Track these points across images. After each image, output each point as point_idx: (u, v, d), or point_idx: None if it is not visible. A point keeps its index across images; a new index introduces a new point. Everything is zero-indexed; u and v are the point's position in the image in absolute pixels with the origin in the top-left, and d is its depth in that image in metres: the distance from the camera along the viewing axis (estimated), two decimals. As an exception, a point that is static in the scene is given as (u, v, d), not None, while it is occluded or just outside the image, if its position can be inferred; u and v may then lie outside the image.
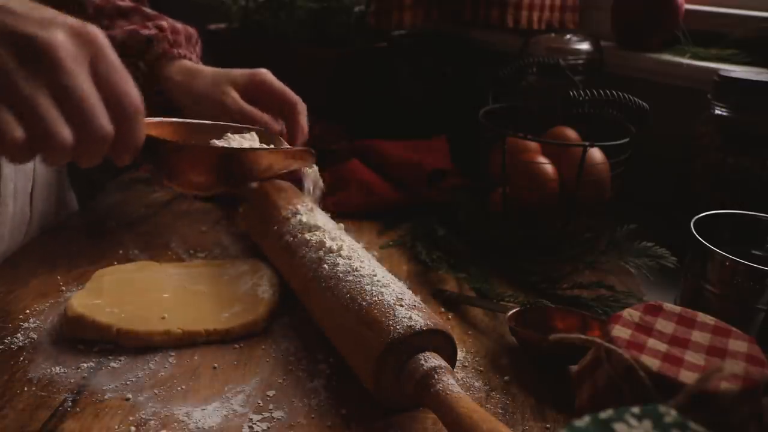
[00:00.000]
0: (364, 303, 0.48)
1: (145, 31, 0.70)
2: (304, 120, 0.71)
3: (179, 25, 0.74)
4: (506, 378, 0.51)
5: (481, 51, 1.06)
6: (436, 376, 0.43)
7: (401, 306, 0.47)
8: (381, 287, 0.50)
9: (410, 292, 0.51)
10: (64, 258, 0.65)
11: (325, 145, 0.92)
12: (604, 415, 0.28)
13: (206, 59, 1.15)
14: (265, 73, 0.72)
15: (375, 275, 0.52)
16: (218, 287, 0.60)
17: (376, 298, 0.48)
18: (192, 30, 0.77)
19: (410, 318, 0.46)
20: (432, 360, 0.44)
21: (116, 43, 0.64)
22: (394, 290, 0.50)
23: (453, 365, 0.48)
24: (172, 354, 0.52)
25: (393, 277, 0.54)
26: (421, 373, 0.43)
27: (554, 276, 0.66)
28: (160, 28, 0.71)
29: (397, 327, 0.45)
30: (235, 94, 0.70)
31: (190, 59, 0.73)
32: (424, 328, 0.45)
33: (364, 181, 0.82)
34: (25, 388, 0.46)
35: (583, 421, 0.28)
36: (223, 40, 1.11)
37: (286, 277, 0.61)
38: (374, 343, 0.45)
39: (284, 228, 0.62)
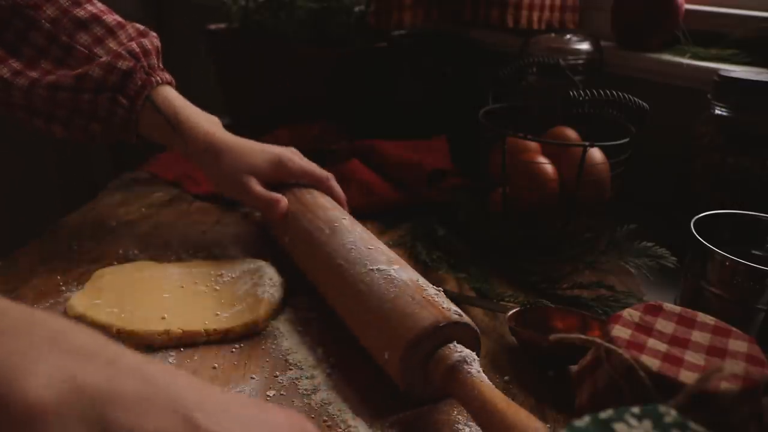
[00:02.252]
0: (411, 284, 0.51)
1: (123, 64, 0.65)
2: (339, 189, 0.70)
3: (146, 42, 0.68)
4: (506, 378, 0.51)
5: (481, 51, 1.06)
6: (467, 363, 0.45)
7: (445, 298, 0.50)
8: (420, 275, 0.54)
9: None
10: (64, 258, 0.65)
11: (325, 145, 0.92)
12: (604, 415, 0.28)
13: (206, 59, 1.16)
14: (287, 158, 0.68)
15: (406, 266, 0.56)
16: (218, 287, 0.60)
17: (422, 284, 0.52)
18: (154, 38, 0.70)
19: (456, 309, 0.49)
20: (465, 349, 0.46)
21: (93, 81, 0.64)
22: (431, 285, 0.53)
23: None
24: (172, 354, 0.52)
25: None
26: (453, 360, 0.45)
27: (554, 276, 0.66)
28: (134, 55, 0.66)
29: (451, 311, 0.48)
30: (256, 187, 0.66)
31: (168, 82, 0.69)
32: (470, 323, 0.48)
33: (364, 181, 0.82)
34: (25, 388, 0.46)
35: (583, 421, 0.28)
36: (223, 40, 1.11)
37: (304, 265, 0.62)
38: (423, 322, 0.46)
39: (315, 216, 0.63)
